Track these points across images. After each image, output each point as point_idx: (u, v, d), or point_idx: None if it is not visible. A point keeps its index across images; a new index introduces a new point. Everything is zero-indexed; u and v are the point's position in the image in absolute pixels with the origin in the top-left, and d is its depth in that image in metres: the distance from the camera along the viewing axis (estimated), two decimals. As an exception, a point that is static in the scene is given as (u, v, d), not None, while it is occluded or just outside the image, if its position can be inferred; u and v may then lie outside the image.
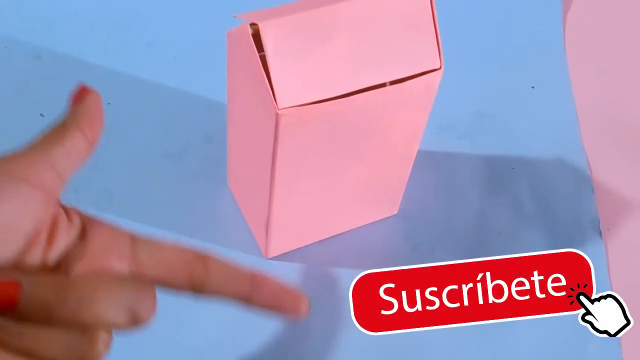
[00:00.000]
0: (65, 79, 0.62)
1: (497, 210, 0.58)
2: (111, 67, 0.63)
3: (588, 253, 0.46)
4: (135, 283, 0.28)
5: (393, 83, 0.43)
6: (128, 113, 0.61)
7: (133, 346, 0.49)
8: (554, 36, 0.71)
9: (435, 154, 0.61)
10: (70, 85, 0.33)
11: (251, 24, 0.40)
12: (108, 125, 0.59)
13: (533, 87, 0.67)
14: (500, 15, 0.72)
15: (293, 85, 0.40)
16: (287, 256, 0.54)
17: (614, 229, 0.58)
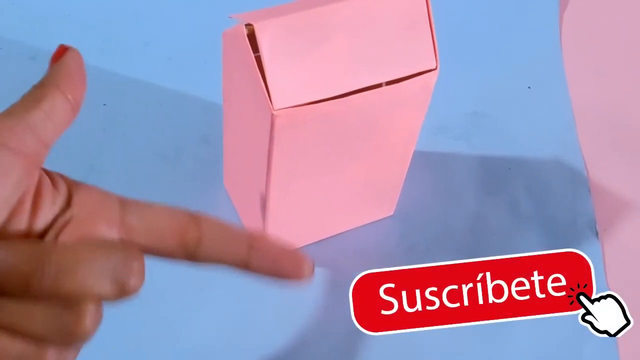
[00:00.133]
0: (60, 80, 0.62)
1: (494, 211, 0.58)
2: (107, 68, 0.63)
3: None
4: (120, 249, 0.26)
5: (389, 83, 0.43)
6: (124, 114, 0.60)
7: (133, 346, 0.49)
8: (550, 36, 0.71)
9: (432, 155, 0.61)
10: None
11: (246, 25, 0.40)
12: (104, 125, 0.60)
13: (529, 88, 0.66)
14: (496, 15, 0.72)
15: (289, 85, 0.40)
16: (284, 257, 0.54)
17: (610, 229, 0.58)
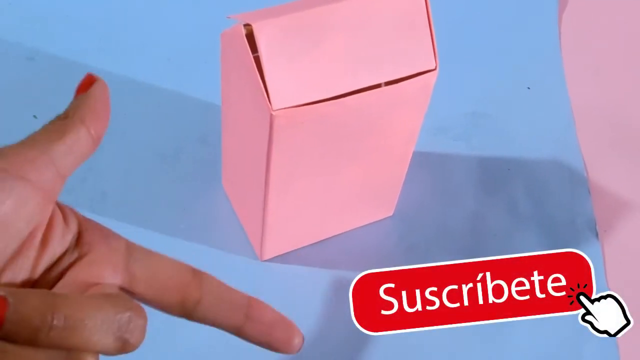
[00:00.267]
0: (59, 80, 0.62)
1: (493, 211, 0.58)
2: (105, 69, 0.63)
3: (585, 254, 0.46)
4: (126, 306, 0.26)
5: (388, 84, 0.42)
6: (122, 114, 0.60)
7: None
8: (549, 36, 0.71)
9: (431, 155, 0.61)
10: (64, 87, 0.33)
11: (245, 25, 0.39)
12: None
13: (529, 88, 0.66)
14: (495, 16, 0.72)
15: (287, 86, 0.39)
16: (282, 258, 0.54)
17: (610, 230, 0.58)
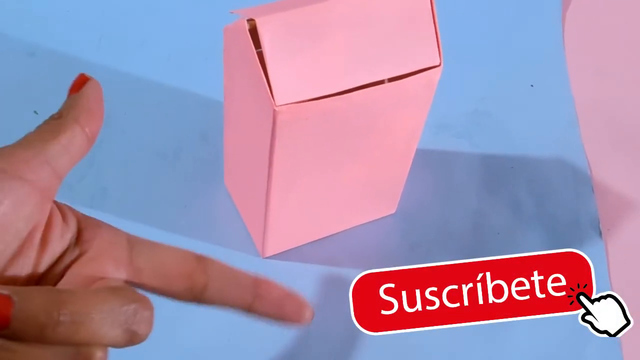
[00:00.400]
0: (59, 76, 0.61)
1: (496, 210, 0.58)
2: (106, 65, 0.63)
3: (588, 253, 0.46)
4: (132, 298, 0.26)
5: (392, 80, 0.42)
6: (123, 111, 0.60)
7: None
8: (553, 34, 0.70)
9: (433, 153, 0.60)
10: (65, 83, 0.32)
11: (248, 20, 0.39)
12: (103, 122, 0.59)
13: (532, 86, 0.66)
14: (499, 13, 0.71)
15: (291, 81, 0.39)
16: (284, 255, 0.54)
17: (614, 229, 0.58)
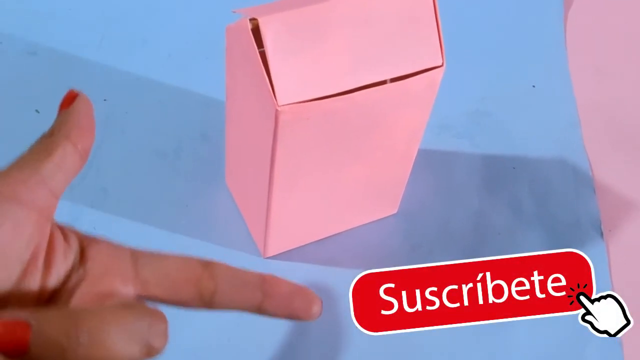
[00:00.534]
0: (61, 75, 0.61)
1: (497, 210, 0.58)
2: (107, 64, 0.63)
3: (589, 254, 0.45)
4: (146, 312, 0.26)
5: (394, 80, 0.42)
6: (124, 110, 0.60)
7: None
8: (555, 35, 0.70)
9: (435, 153, 0.60)
10: (66, 82, 0.32)
11: (251, 19, 0.39)
12: (104, 122, 0.59)
13: (534, 86, 0.66)
14: (500, 13, 0.71)
15: (293, 81, 0.39)
16: (286, 255, 0.54)
17: (615, 229, 0.58)
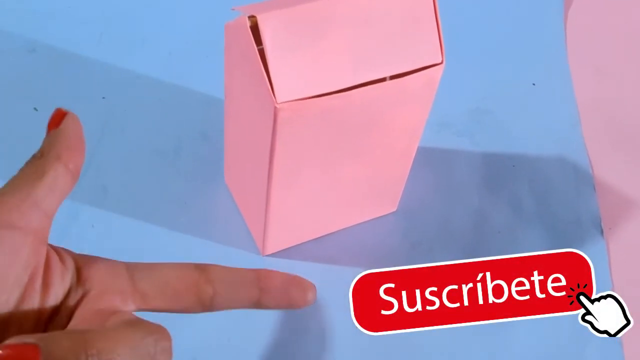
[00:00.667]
0: (60, 73, 0.61)
1: (497, 208, 0.58)
2: (106, 61, 0.62)
3: (589, 252, 0.45)
4: (151, 329, 0.27)
5: (393, 78, 0.42)
6: (123, 108, 0.60)
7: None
8: (555, 33, 0.70)
9: (434, 151, 0.60)
10: (65, 79, 0.32)
11: (249, 17, 0.39)
12: (103, 120, 0.59)
13: (534, 84, 0.66)
14: (501, 12, 0.71)
15: (292, 79, 0.39)
16: (285, 253, 0.53)
17: (615, 227, 0.58)
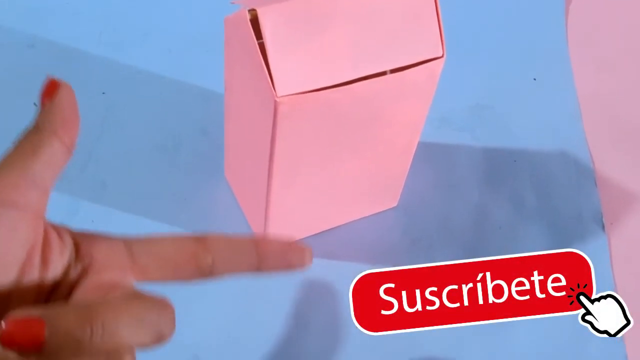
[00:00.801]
0: (60, 68, 0.61)
1: (497, 204, 0.58)
2: (106, 57, 0.62)
3: (590, 247, 0.45)
4: (154, 301, 0.27)
5: (394, 71, 0.42)
6: (123, 103, 0.60)
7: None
8: (556, 28, 0.70)
9: (435, 146, 0.60)
10: (65, 75, 0.32)
11: (249, 10, 0.39)
12: (103, 115, 0.59)
13: (535, 79, 0.66)
14: (502, 7, 0.71)
15: (292, 72, 0.39)
16: (284, 249, 0.53)
17: (617, 222, 0.58)
